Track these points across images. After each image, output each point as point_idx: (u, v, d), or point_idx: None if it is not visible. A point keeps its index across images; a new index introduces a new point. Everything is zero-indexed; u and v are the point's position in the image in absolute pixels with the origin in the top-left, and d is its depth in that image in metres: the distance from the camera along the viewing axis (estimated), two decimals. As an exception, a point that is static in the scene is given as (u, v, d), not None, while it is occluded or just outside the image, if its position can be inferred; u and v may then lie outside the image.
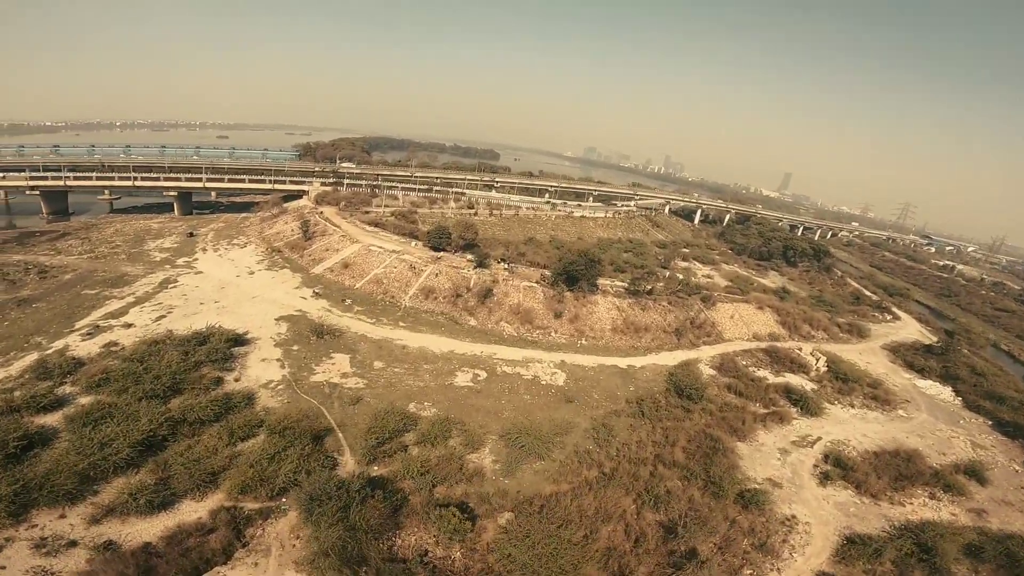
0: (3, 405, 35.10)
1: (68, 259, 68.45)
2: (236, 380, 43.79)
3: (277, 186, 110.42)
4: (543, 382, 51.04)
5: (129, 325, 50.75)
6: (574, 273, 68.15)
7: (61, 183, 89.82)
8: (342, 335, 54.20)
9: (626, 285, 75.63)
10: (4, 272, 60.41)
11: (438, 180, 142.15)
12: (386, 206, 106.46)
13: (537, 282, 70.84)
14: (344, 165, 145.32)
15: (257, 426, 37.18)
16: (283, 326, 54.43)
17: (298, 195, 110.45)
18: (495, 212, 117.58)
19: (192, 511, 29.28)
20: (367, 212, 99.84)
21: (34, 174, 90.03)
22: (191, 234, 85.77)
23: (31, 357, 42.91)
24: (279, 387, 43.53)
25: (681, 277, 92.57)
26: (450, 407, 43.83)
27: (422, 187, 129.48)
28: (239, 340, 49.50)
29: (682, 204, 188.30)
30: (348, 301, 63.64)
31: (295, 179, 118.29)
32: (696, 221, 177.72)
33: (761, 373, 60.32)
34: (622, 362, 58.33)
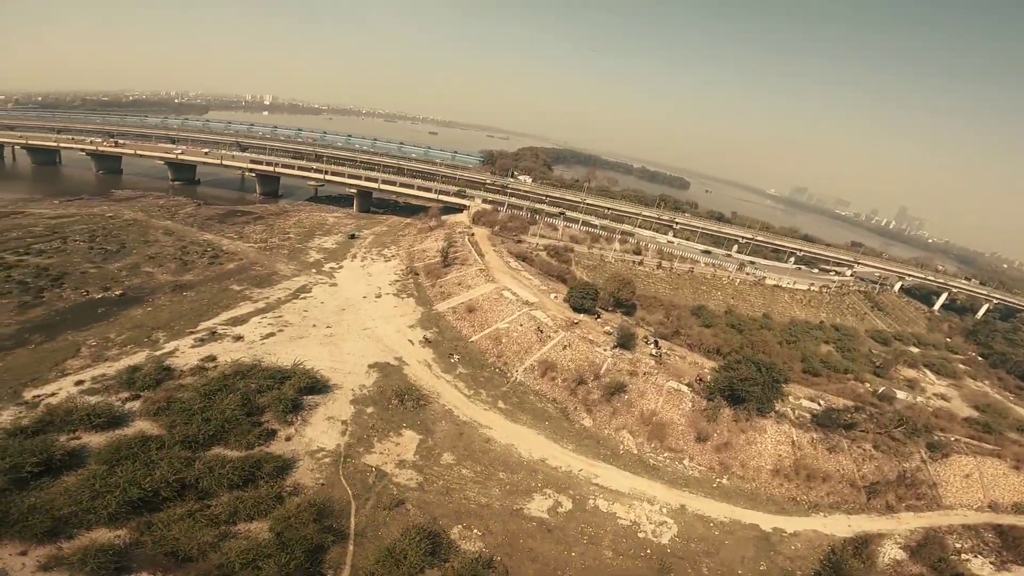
0: (39, 419, 33.65)
1: (243, 246, 74.77)
2: (287, 439, 37.63)
3: (441, 196, 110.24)
4: (641, 534, 35.49)
5: (239, 338, 49.53)
6: (742, 393, 47.71)
7: (271, 169, 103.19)
8: (427, 405, 44.96)
9: (815, 408, 51.89)
10: (184, 251, 67.78)
11: (608, 212, 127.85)
12: (541, 236, 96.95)
13: (689, 384, 52.20)
14: (515, 180, 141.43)
15: (268, 509, 30.07)
16: (371, 377, 47.51)
17: (459, 208, 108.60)
18: (665, 263, 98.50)
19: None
20: (519, 241, 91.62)
21: (253, 157, 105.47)
22: (353, 236, 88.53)
23: (138, 356, 43.16)
24: (325, 460, 36.08)
25: (903, 397, 62.81)
26: (502, 546, 31.89)
27: (590, 217, 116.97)
28: (317, 387, 43.67)
29: (919, 280, 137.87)
30: (455, 358, 54.57)
31: (463, 188, 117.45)
32: (937, 307, 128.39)
33: (978, 565, 33.42)
34: (768, 521, 38.60)
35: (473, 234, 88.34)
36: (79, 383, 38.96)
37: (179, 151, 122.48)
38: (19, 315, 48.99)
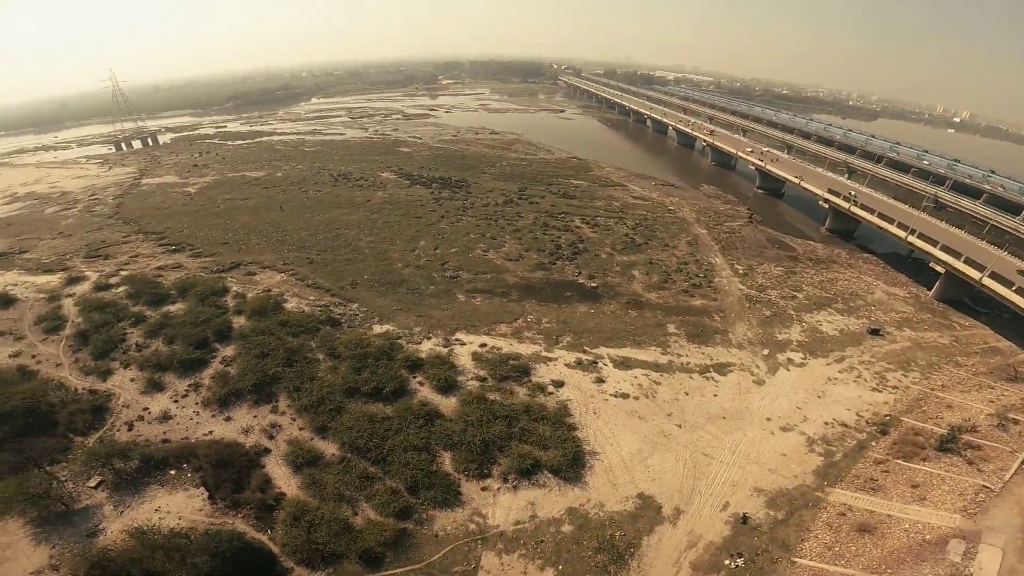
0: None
1: (734, 284, 66.74)
2: None
3: None
4: None
5: (601, 381, 45.14)
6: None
7: (845, 207, 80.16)
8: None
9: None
10: (681, 267, 67.67)
11: None
12: None
13: None
14: None
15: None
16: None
17: None
18: None
19: None
20: None
21: (833, 185, 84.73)
22: (876, 331, 58.66)
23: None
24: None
25: None
26: None
27: None
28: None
29: None
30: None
31: None
32: None
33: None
34: None
35: None
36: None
37: (767, 159, 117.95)
38: (528, 270, 64.83)
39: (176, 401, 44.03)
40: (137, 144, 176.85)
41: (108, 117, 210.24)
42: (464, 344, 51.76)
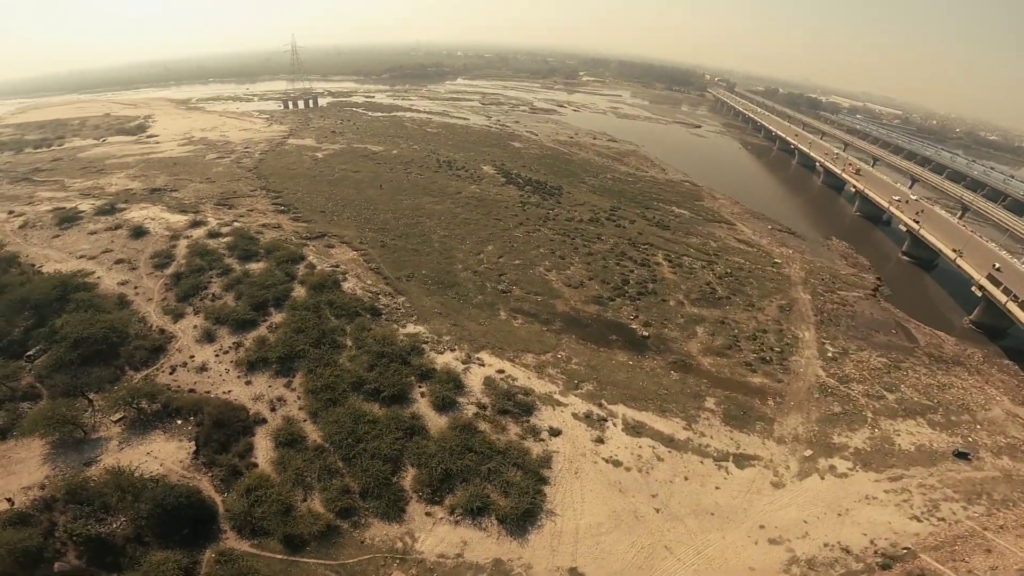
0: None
1: (796, 382, 54.83)
2: None
3: None
4: None
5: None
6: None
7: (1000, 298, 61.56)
8: None
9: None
10: (735, 338, 56.95)
11: None
12: None
13: None
14: None
15: None
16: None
17: None
18: None
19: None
20: None
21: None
22: (963, 455, 44.97)
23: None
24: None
25: None
26: None
27: None
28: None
29: None
30: None
31: None
32: None
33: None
34: None
35: None
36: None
37: (924, 219, 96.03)
38: (583, 301, 60.97)
39: (217, 356, 49.34)
40: (301, 104, 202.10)
41: (291, 75, 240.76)
42: (483, 365, 50.54)
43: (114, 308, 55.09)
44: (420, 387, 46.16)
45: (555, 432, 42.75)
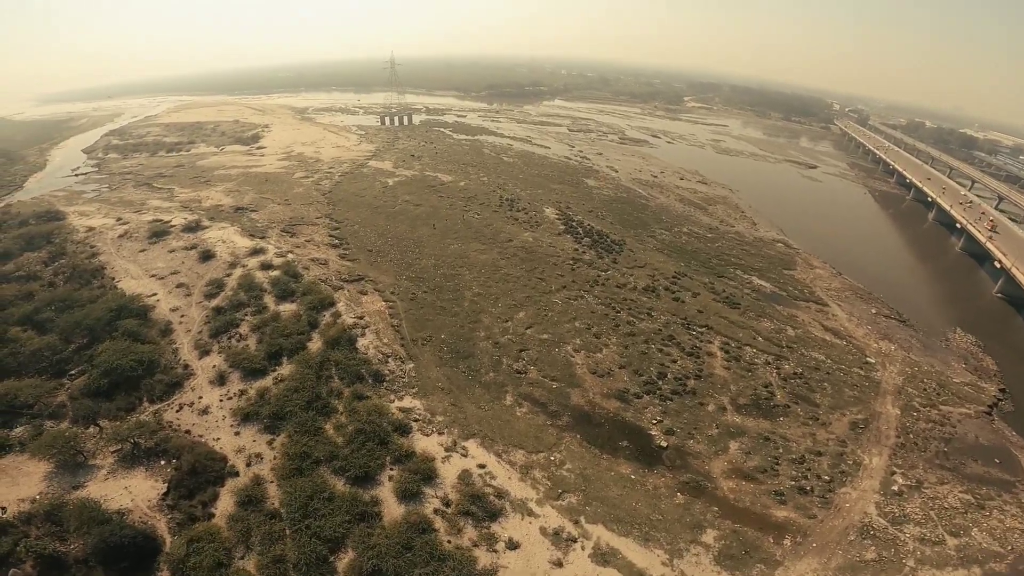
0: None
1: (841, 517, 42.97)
2: None
3: None
4: None
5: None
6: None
7: None
8: None
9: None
10: (802, 468, 46.11)
11: None
12: None
13: None
14: None
15: None
16: None
17: None
18: None
19: None
20: None
21: None
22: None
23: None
24: None
25: None
26: None
27: None
28: None
29: None
30: None
31: None
32: None
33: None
34: None
35: None
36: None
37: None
38: (604, 395, 54.12)
39: (221, 401, 50.95)
40: (396, 121, 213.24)
41: (392, 89, 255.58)
42: (466, 456, 47.17)
43: (157, 336, 59.45)
44: (392, 470, 44.26)
45: (513, 545, 38.50)
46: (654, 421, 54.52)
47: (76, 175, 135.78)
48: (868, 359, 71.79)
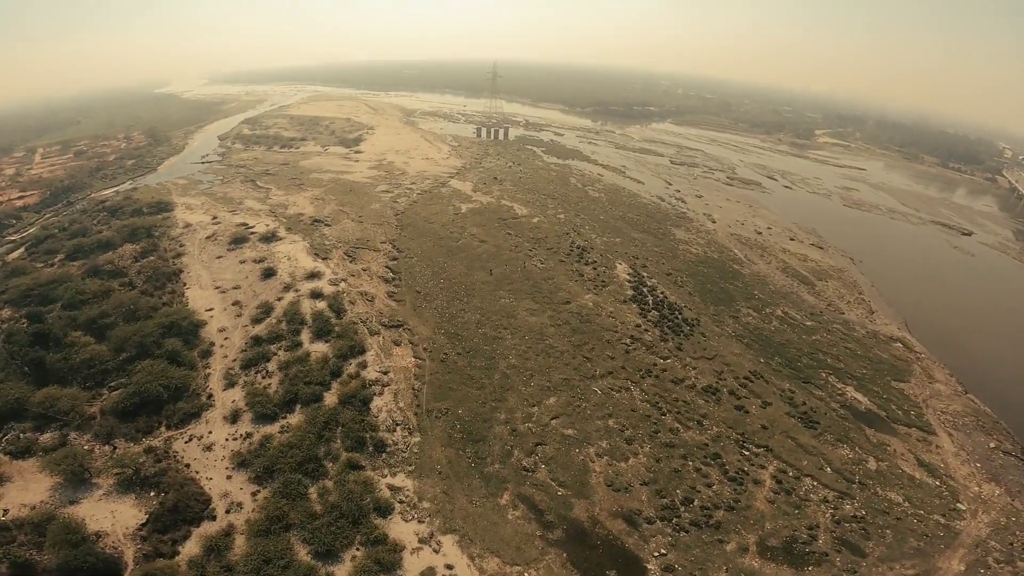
0: None
1: None
2: None
3: None
4: None
5: None
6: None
7: None
8: None
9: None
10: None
11: None
12: None
13: None
14: None
15: None
16: None
17: None
18: None
19: None
20: None
21: None
22: None
23: None
24: None
25: None
26: None
27: None
28: None
29: None
30: None
31: None
32: None
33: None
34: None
35: None
36: None
37: None
38: (611, 514, 45.96)
39: (226, 440, 51.72)
40: (492, 135, 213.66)
41: (492, 99, 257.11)
42: (437, 552, 43.28)
43: (196, 358, 62.13)
44: (358, 550, 42.06)
45: None
46: (656, 554, 45.64)
47: (202, 162, 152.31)
48: (959, 505, 54.90)
